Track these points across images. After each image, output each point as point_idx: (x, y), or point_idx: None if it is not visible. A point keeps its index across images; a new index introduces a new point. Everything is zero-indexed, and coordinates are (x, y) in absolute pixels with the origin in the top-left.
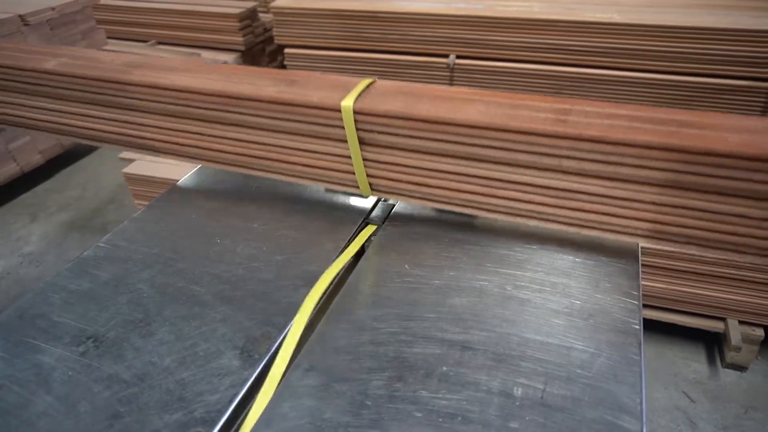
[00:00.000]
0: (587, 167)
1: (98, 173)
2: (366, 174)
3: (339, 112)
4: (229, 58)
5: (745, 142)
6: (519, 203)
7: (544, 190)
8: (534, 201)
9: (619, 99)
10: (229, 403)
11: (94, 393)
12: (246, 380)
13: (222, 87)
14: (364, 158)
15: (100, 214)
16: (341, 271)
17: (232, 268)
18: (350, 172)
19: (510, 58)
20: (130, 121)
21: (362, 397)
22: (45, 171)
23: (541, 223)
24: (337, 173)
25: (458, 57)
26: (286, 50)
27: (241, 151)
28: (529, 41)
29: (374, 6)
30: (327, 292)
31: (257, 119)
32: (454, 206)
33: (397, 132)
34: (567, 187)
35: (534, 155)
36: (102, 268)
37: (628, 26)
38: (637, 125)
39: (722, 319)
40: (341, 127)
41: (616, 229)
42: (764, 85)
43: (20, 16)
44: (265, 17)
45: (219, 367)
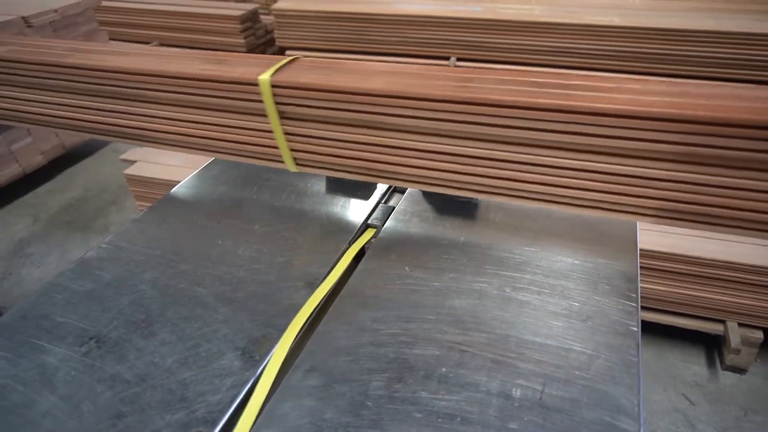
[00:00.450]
0: (488, 131)
1: (100, 174)
2: (289, 148)
3: (258, 86)
4: None
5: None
6: (431, 171)
7: (454, 158)
8: (445, 169)
9: None
10: (231, 403)
11: (97, 393)
12: (247, 381)
13: (151, 66)
14: (285, 132)
15: (102, 215)
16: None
17: (233, 270)
18: (276, 147)
19: (511, 61)
20: (68, 104)
21: (362, 398)
22: (47, 172)
23: (454, 191)
24: (264, 148)
25: (459, 59)
26: (288, 52)
27: (173, 129)
28: (530, 44)
29: (375, 9)
30: (327, 296)
31: (185, 97)
32: (374, 178)
33: (313, 104)
34: (474, 154)
35: (436, 121)
36: (104, 269)
37: (629, 29)
38: (535, 89)
39: (722, 322)
40: (261, 101)
41: (521, 194)
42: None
43: (23, 18)
44: (266, 19)
45: (220, 368)
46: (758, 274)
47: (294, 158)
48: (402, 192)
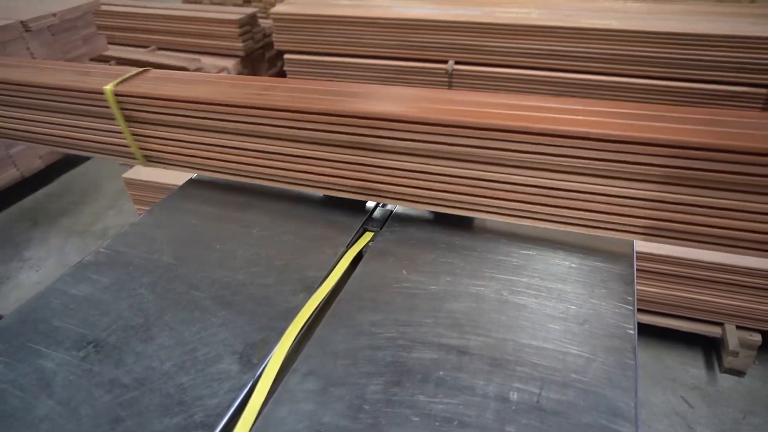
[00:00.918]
0: (269, 130)
1: (98, 178)
2: (138, 147)
3: (104, 94)
4: (229, 63)
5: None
6: (252, 167)
7: (258, 153)
8: (247, 162)
9: None
10: (228, 407)
11: (95, 397)
12: (245, 385)
13: (25, 77)
14: (133, 133)
15: (100, 219)
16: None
17: (231, 273)
18: (128, 146)
19: (508, 64)
20: None
21: (360, 402)
22: (45, 176)
23: (257, 180)
24: (120, 147)
25: (457, 63)
26: (286, 56)
27: (49, 131)
28: (528, 47)
29: (373, 12)
30: (325, 299)
31: (54, 104)
32: (207, 172)
33: (148, 109)
34: (275, 150)
35: (247, 125)
36: (103, 273)
37: (626, 33)
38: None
39: (720, 324)
40: (109, 107)
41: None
42: (762, 91)
43: (22, 23)
44: (264, 23)
45: (218, 372)
46: (756, 277)
47: (144, 156)
48: None
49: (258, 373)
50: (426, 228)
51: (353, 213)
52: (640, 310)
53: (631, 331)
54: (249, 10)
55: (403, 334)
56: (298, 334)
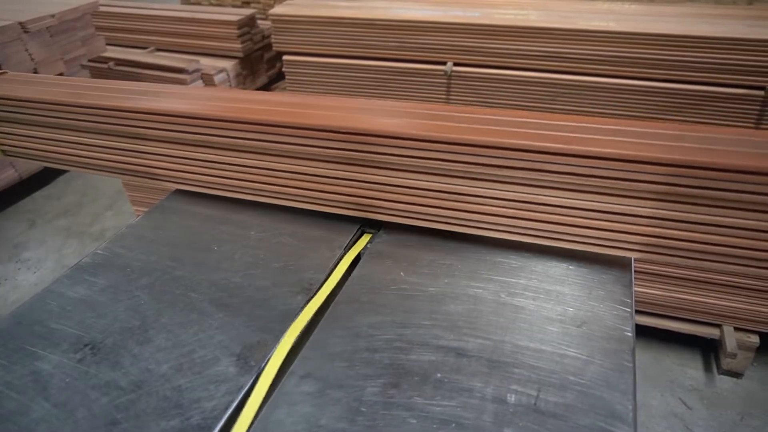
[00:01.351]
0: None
1: (96, 180)
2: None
3: None
4: (228, 64)
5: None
6: (100, 161)
7: (125, 151)
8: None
9: (615, 106)
10: (226, 409)
11: (91, 400)
12: (242, 387)
13: None
14: None
15: (99, 220)
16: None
17: (229, 276)
18: None
19: (507, 66)
20: None
21: (357, 404)
22: (43, 177)
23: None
24: None
25: (455, 64)
26: (285, 57)
27: None
28: (526, 49)
29: (372, 14)
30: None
31: None
32: (69, 166)
33: (7, 110)
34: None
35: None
36: (100, 275)
37: (625, 34)
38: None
39: (718, 326)
40: None
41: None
42: (759, 93)
43: (20, 24)
44: (263, 24)
45: (216, 374)
46: (753, 279)
47: (5, 150)
48: None
49: (255, 375)
50: (424, 230)
51: (351, 215)
52: (638, 312)
53: (629, 334)
54: (248, 12)
55: (401, 337)
56: (297, 337)
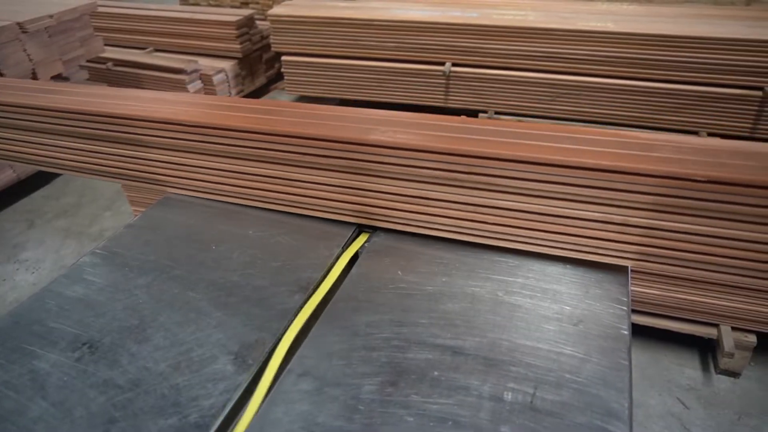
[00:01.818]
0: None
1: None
2: None
3: None
4: (227, 65)
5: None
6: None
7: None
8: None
9: (614, 107)
10: (223, 407)
11: (89, 398)
12: (240, 385)
13: None
14: None
15: (97, 221)
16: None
17: (227, 275)
18: None
19: (505, 66)
20: None
21: (355, 402)
22: (42, 178)
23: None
24: None
25: (454, 65)
26: (283, 58)
27: None
28: (525, 49)
29: (370, 14)
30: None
31: None
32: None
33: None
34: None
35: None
36: (98, 274)
37: (623, 35)
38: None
39: (715, 326)
40: None
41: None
42: (757, 93)
43: (18, 24)
44: (262, 25)
45: (213, 372)
46: (751, 278)
47: None
48: None
49: (253, 373)
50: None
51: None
52: (635, 311)
53: (626, 332)
54: (246, 12)
55: (399, 335)
56: (295, 336)
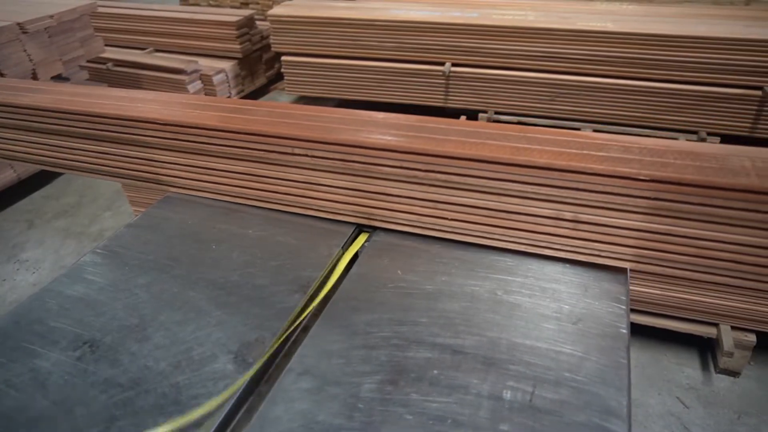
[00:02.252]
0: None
1: (95, 180)
2: None
3: None
4: (227, 65)
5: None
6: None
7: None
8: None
9: (614, 106)
10: (224, 406)
11: (90, 397)
12: (240, 384)
13: None
14: None
15: (97, 221)
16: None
17: (227, 274)
18: None
19: (505, 66)
20: None
21: (354, 400)
22: (42, 178)
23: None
24: None
25: (454, 65)
26: (283, 58)
27: None
28: (524, 49)
29: (370, 14)
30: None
31: None
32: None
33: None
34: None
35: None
36: (98, 273)
37: (623, 35)
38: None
39: (715, 325)
40: None
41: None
42: (756, 93)
43: (18, 24)
44: (262, 25)
45: (213, 371)
46: (751, 278)
47: None
48: None
49: (253, 372)
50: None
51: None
52: (635, 311)
53: (624, 331)
54: (246, 12)
55: (398, 334)
56: (294, 335)
